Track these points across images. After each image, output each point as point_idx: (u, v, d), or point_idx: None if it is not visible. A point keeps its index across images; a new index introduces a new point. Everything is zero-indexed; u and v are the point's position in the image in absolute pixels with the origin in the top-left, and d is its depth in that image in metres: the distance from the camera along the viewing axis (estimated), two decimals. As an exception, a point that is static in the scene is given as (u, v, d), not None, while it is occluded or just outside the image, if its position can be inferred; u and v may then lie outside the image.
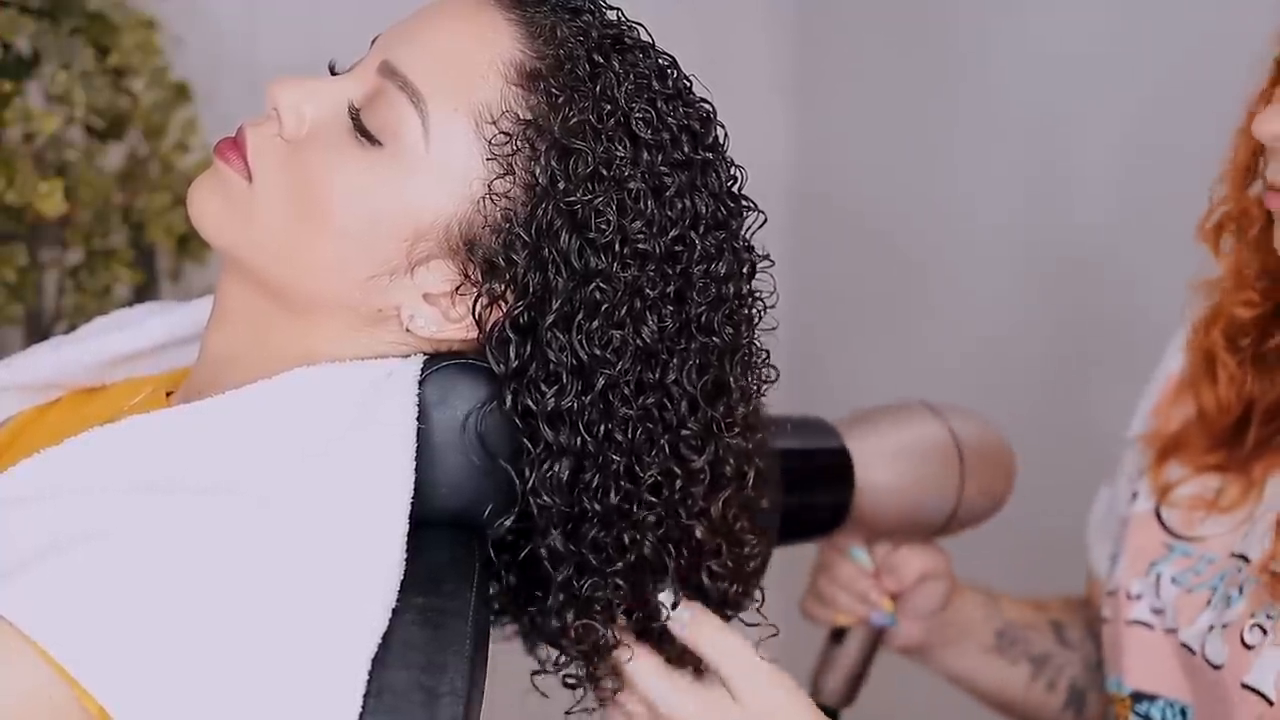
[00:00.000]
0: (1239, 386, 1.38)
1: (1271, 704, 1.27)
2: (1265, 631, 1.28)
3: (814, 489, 1.39)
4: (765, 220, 1.16)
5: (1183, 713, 1.36)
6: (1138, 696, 1.39)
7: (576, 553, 1.13)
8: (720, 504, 1.18)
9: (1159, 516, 1.41)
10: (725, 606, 1.24)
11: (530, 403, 1.11)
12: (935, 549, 1.50)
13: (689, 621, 1.21)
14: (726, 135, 1.15)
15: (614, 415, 1.11)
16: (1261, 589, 1.29)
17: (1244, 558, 1.33)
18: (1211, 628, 1.32)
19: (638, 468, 1.12)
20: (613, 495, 1.12)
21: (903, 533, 1.46)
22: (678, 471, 1.14)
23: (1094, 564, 1.54)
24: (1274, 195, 1.27)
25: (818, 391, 1.63)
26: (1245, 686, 1.29)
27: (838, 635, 1.51)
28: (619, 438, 1.11)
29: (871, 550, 1.49)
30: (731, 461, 1.17)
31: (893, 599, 1.50)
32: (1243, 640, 1.29)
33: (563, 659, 1.20)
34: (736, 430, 1.16)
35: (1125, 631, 1.40)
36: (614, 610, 1.17)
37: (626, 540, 1.14)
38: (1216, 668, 1.31)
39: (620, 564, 1.14)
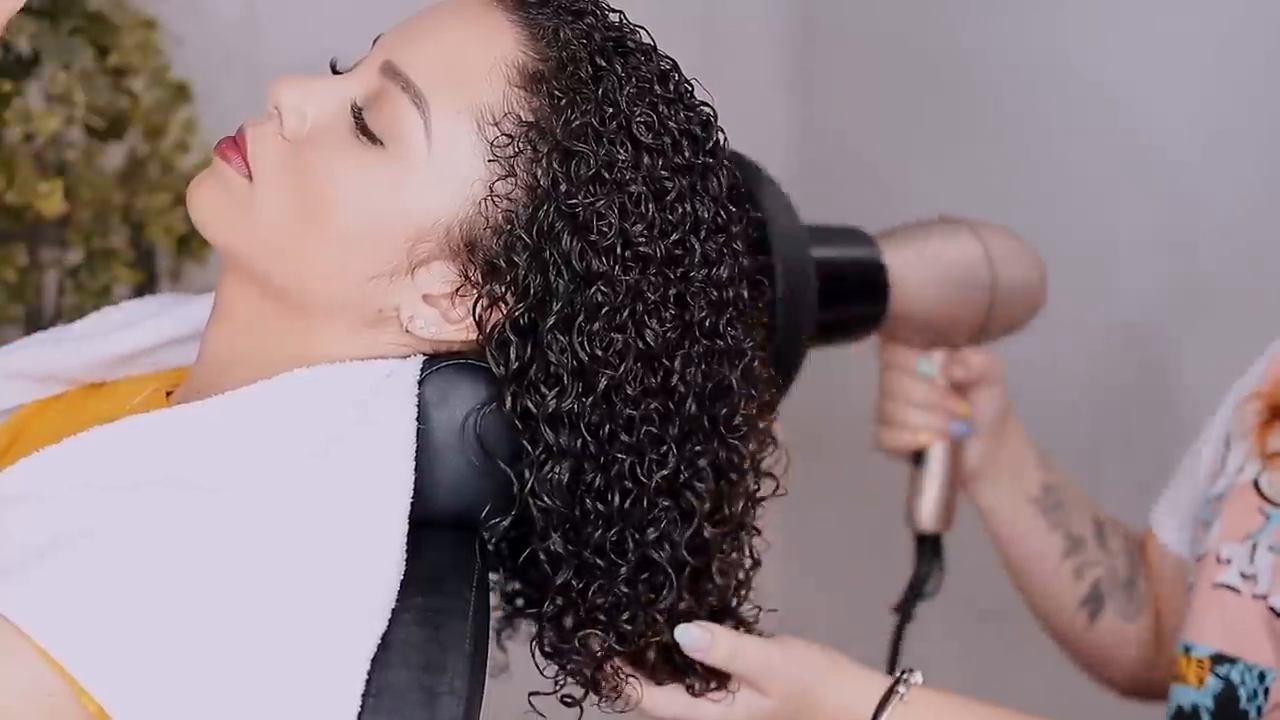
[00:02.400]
0: None
1: None
2: None
3: (849, 298, 1.46)
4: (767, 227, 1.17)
5: (1261, 677, 1.36)
6: (1219, 659, 1.39)
7: (576, 555, 1.13)
8: (725, 507, 1.18)
9: (1257, 485, 1.41)
10: (725, 608, 1.24)
11: (530, 404, 1.11)
12: (992, 352, 1.53)
13: (702, 641, 1.22)
14: (726, 140, 1.15)
15: (617, 417, 1.11)
16: None
17: None
18: None
19: (641, 469, 1.12)
20: (616, 497, 1.12)
21: (950, 333, 1.51)
22: (683, 473, 1.14)
23: (1157, 529, 1.54)
24: None
25: (821, 391, 1.63)
26: None
27: (918, 459, 1.54)
28: (623, 439, 1.11)
29: (932, 358, 1.52)
30: (734, 463, 1.17)
31: (963, 399, 1.53)
32: None
33: (561, 676, 1.19)
34: (740, 433, 1.16)
35: (1210, 595, 1.40)
36: (617, 621, 1.16)
37: (630, 543, 1.14)
38: None
39: (624, 568, 1.14)
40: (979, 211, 2.21)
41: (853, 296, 1.46)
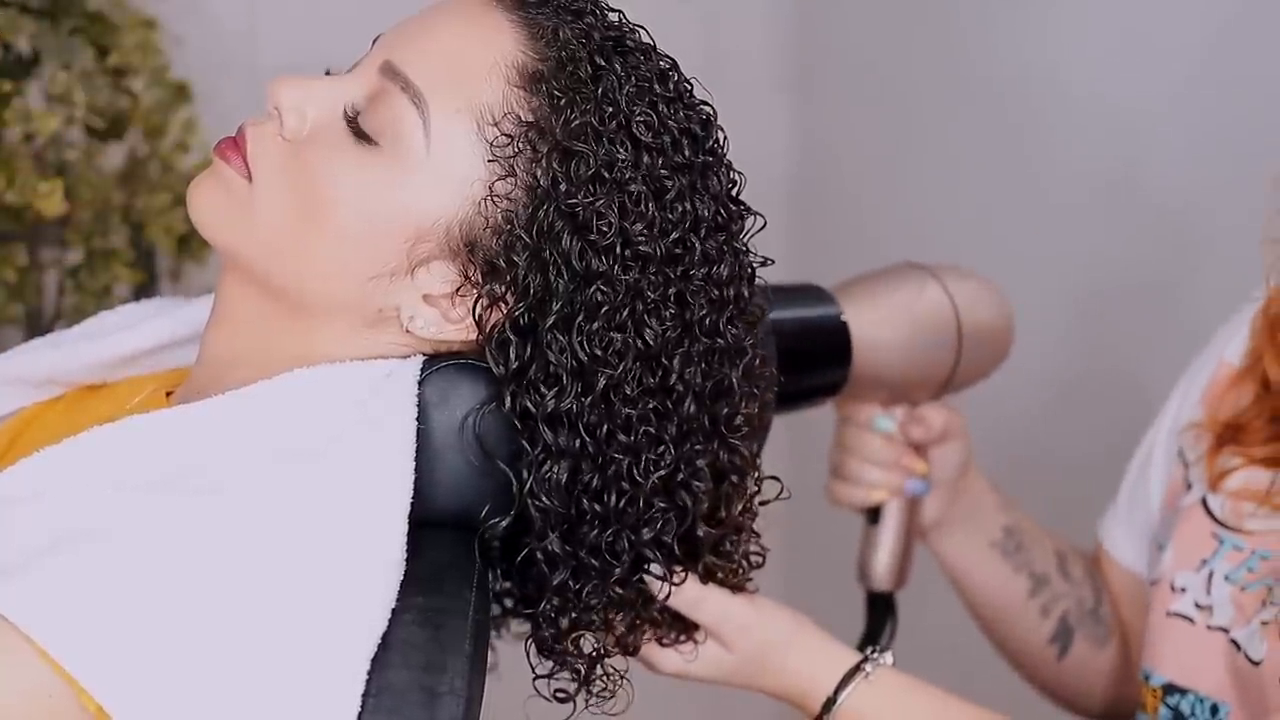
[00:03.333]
0: None
1: None
2: None
3: (813, 361, 1.40)
4: (765, 224, 1.17)
5: (1214, 710, 1.35)
6: (1170, 689, 1.38)
7: (573, 555, 1.13)
8: (724, 506, 1.18)
9: (1205, 504, 1.40)
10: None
11: (529, 404, 1.11)
12: (953, 408, 1.50)
13: (670, 590, 1.22)
14: (726, 138, 1.15)
15: (616, 417, 1.11)
16: None
17: None
18: (1265, 623, 1.32)
19: (638, 470, 1.12)
20: (613, 497, 1.12)
21: (913, 389, 1.47)
22: (681, 472, 1.14)
23: (1110, 546, 1.53)
24: None
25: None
26: None
27: (874, 515, 1.50)
28: (621, 439, 1.11)
29: (892, 414, 1.48)
30: (735, 463, 1.17)
31: (922, 458, 1.49)
32: None
33: (555, 670, 1.19)
34: (741, 432, 1.16)
35: (1164, 623, 1.39)
36: (609, 620, 1.17)
37: (625, 544, 1.14)
38: (1255, 664, 1.31)
39: (618, 569, 1.15)
40: (987, 210, 2.23)
41: (814, 360, 1.40)
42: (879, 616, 1.51)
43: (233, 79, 1.81)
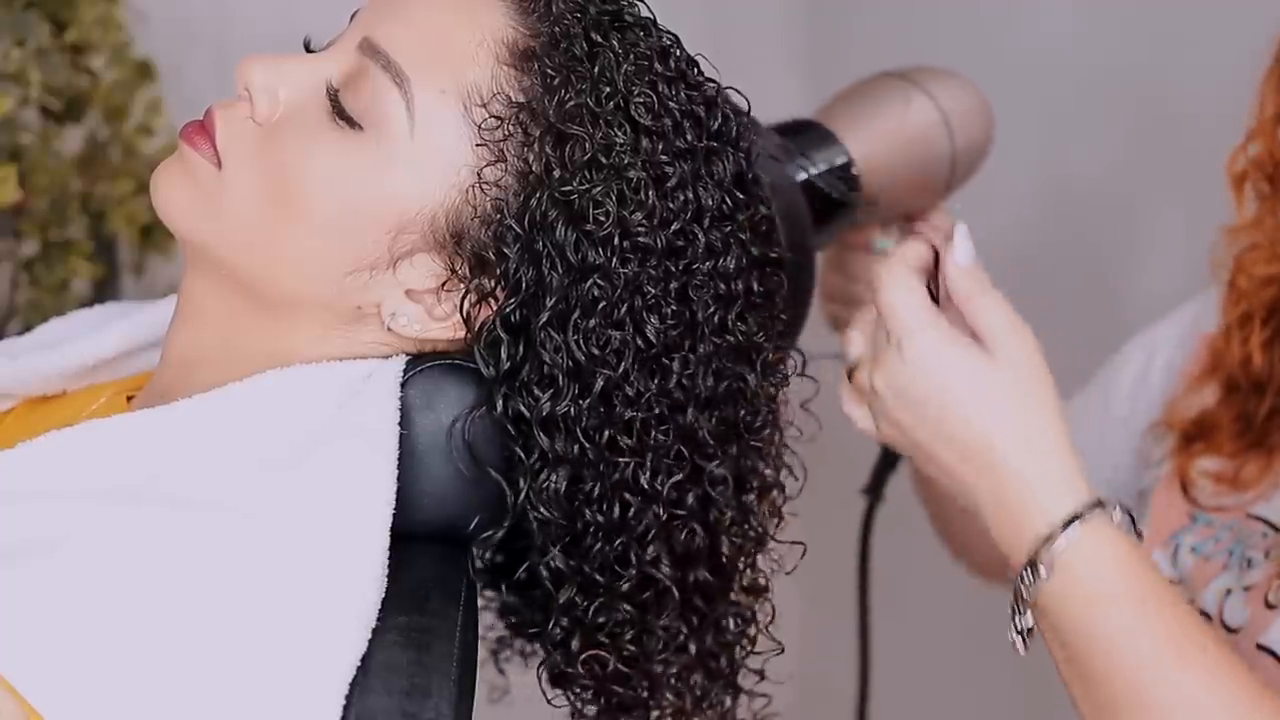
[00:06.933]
0: (1264, 353, 1.39)
1: None
2: None
3: (829, 211, 1.44)
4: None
5: None
6: None
7: (579, 570, 1.13)
8: (744, 512, 1.18)
9: (1184, 487, 1.42)
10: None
11: (523, 408, 1.11)
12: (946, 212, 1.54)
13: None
14: (735, 119, 1.15)
15: (616, 420, 1.11)
16: None
17: (1268, 522, 1.35)
18: (1229, 591, 1.34)
19: (644, 476, 1.12)
20: (617, 507, 1.12)
21: (908, 207, 1.51)
22: (694, 479, 1.14)
23: None
24: None
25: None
26: (1260, 647, 1.30)
27: None
28: (625, 443, 1.12)
29: (890, 233, 1.52)
30: (751, 468, 1.17)
31: None
32: (1266, 601, 1.31)
33: (577, 698, 1.19)
34: (760, 435, 1.17)
35: None
36: (622, 638, 1.16)
37: (633, 556, 1.14)
38: (1234, 631, 1.33)
39: (625, 583, 1.14)
40: (1019, 202, 2.23)
41: (832, 207, 1.44)
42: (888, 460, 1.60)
43: (200, 57, 1.81)
